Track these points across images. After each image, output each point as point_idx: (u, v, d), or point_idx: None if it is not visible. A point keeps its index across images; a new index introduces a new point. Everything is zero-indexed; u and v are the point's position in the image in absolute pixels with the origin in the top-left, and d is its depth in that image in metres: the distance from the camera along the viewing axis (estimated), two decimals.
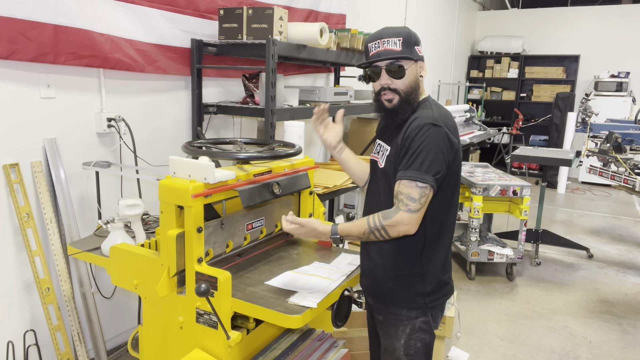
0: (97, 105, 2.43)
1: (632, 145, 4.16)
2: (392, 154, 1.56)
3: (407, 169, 1.46)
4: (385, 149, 1.60)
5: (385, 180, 1.57)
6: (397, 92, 1.52)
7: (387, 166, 1.57)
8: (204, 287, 1.38)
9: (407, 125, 1.51)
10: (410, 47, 1.49)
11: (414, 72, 1.53)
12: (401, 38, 1.49)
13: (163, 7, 2.62)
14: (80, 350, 2.31)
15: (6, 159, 2.09)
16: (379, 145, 1.67)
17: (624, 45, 8.18)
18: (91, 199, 2.45)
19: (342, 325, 1.67)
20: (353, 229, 1.51)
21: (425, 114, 1.51)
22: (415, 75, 1.54)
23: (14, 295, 2.19)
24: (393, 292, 1.59)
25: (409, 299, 1.58)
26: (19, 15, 1.98)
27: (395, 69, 1.50)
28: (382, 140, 1.66)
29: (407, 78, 1.51)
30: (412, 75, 1.52)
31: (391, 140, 1.59)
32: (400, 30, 1.51)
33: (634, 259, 4.70)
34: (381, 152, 1.63)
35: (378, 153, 1.66)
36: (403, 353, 1.59)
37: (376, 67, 1.53)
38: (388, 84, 1.52)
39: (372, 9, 5.08)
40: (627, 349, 3.06)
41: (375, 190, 1.64)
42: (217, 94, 3.15)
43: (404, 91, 1.52)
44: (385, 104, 1.55)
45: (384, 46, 1.50)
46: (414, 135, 1.46)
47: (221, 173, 1.59)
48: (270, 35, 2.65)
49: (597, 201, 7.06)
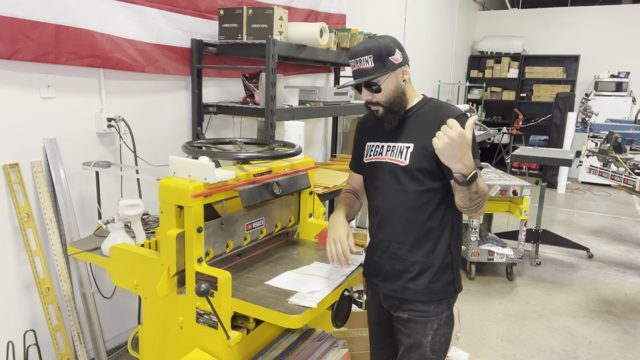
0: (97, 105, 2.44)
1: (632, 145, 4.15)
2: (419, 149, 1.55)
3: None
4: (403, 147, 1.58)
5: (411, 178, 1.57)
6: (379, 104, 1.58)
7: (414, 163, 1.56)
8: (204, 287, 1.38)
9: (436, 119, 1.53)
10: (382, 61, 1.51)
11: (393, 82, 1.56)
12: (371, 55, 1.51)
13: (163, 7, 2.62)
14: (80, 350, 2.31)
15: (6, 159, 2.09)
16: (389, 146, 1.63)
17: (624, 45, 8.18)
18: (91, 199, 2.46)
19: (342, 325, 1.67)
20: (480, 183, 1.43)
21: (448, 106, 1.59)
22: (396, 83, 1.56)
23: (14, 295, 2.19)
24: (427, 287, 1.61)
25: (442, 291, 1.62)
26: (20, 15, 1.98)
27: (372, 86, 1.54)
28: (388, 140, 1.64)
29: (385, 91, 1.55)
30: (390, 86, 1.55)
31: (408, 137, 1.59)
32: (370, 45, 1.52)
33: (634, 259, 4.70)
34: (395, 151, 1.60)
35: (388, 153, 1.62)
36: (429, 349, 1.62)
37: (357, 84, 1.58)
38: (369, 98, 1.58)
39: (372, 9, 5.08)
40: (627, 349, 3.06)
41: (398, 190, 1.60)
42: (217, 94, 3.15)
43: (386, 102, 1.57)
44: (375, 112, 1.62)
45: (357, 65, 1.54)
46: None
47: (221, 173, 1.59)
48: (270, 35, 2.65)
49: (597, 201, 7.06)
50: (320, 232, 2.02)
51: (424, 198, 1.57)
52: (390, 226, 1.63)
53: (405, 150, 1.58)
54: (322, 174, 3.31)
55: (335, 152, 4.43)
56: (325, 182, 3.07)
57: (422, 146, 1.55)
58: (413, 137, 1.58)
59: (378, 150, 1.67)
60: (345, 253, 1.59)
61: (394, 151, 1.61)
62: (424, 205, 1.57)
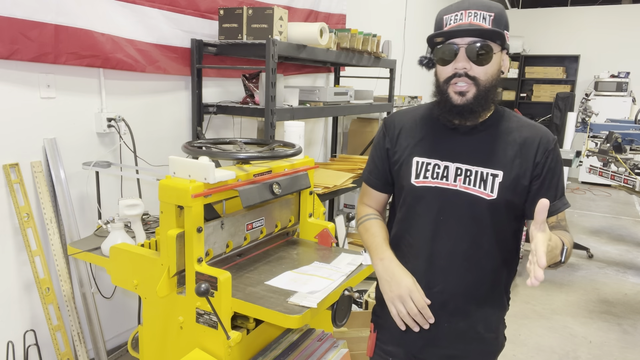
0: (97, 105, 2.44)
1: (632, 145, 4.16)
2: (511, 179, 1.21)
3: (560, 196, 1.25)
4: (488, 174, 1.22)
5: (497, 216, 1.23)
6: (476, 81, 1.16)
7: (504, 195, 1.21)
8: (204, 287, 1.38)
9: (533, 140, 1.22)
10: (500, 28, 1.15)
11: (498, 64, 1.19)
12: (493, 14, 1.14)
13: (164, 7, 2.62)
14: (80, 350, 2.31)
15: (6, 159, 2.09)
16: (461, 170, 1.24)
17: (624, 45, 8.18)
18: (91, 199, 2.45)
19: (342, 325, 1.67)
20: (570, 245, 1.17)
21: (535, 124, 1.27)
22: (499, 67, 1.21)
23: (14, 295, 2.19)
24: (497, 339, 1.37)
25: (503, 331, 1.40)
26: (19, 15, 1.98)
27: (480, 51, 1.14)
28: (459, 159, 1.25)
29: (491, 66, 1.16)
30: (496, 64, 1.18)
31: (492, 161, 1.22)
32: (492, 4, 1.17)
33: (634, 259, 4.70)
34: (474, 177, 1.23)
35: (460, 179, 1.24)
36: None
37: (452, 45, 1.16)
38: (466, 68, 1.15)
39: (372, 9, 5.08)
40: (627, 349, 3.06)
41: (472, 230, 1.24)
42: (217, 94, 3.15)
43: (485, 83, 1.17)
44: (454, 97, 1.18)
45: (468, 19, 1.14)
46: (556, 155, 1.23)
47: (221, 173, 1.59)
48: (270, 35, 2.65)
49: (597, 201, 7.06)
50: (321, 232, 2.02)
51: (502, 241, 1.26)
52: (455, 274, 1.27)
53: (492, 178, 1.21)
54: (322, 174, 3.31)
55: (335, 152, 4.43)
56: (325, 182, 3.07)
57: (515, 177, 1.21)
58: (500, 162, 1.21)
59: (440, 172, 1.26)
60: (424, 310, 1.20)
61: (470, 177, 1.23)
62: (498, 250, 1.26)
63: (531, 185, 1.22)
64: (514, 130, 1.25)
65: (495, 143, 1.23)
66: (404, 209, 1.34)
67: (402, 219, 1.35)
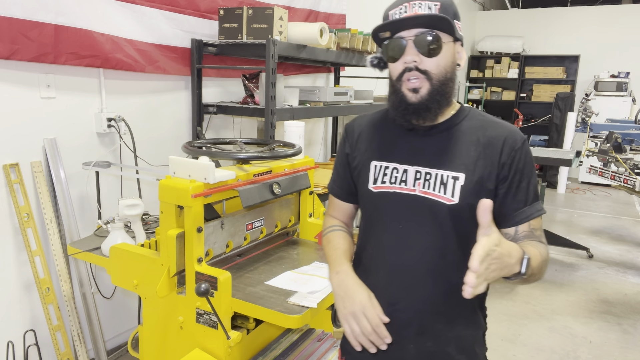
0: (97, 105, 2.44)
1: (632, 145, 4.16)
2: (474, 182, 1.09)
3: (533, 201, 1.12)
4: (448, 176, 1.10)
5: (456, 222, 1.11)
6: (428, 75, 1.07)
7: (466, 199, 1.09)
8: (204, 287, 1.38)
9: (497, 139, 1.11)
10: (449, 17, 1.06)
11: (451, 56, 1.09)
12: (439, 4, 1.06)
13: (163, 7, 2.62)
14: (80, 350, 2.31)
15: (6, 159, 2.09)
16: (420, 173, 1.13)
17: (624, 45, 8.17)
18: (91, 199, 2.45)
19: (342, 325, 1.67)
20: (533, 259, 1.01)
21: (502, 123, 1.15)
22: (453, 59, 1.10)
23: (14, 295, 2.19)
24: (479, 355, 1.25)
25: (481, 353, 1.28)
26: (19, 15, 1.98)
27: (429, 42, 1.05)
28: (418, 162, 1.14)
29: (442, 57, 1.07)
30: (449, 56, 1.08)
31: (454, 162, 1.11)
32: None
33: (634, 259, 4.70)
34: (433, 181, 1.12)
35: (419, 183, 1.13)
36: None
37: (399, 39, 1.08)
38: (415, 61, 1.06)
39: (372, 9, 5.08)
40: (627, 349, 3.06)
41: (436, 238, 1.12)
42: (217, 94, 3.15)
43: (438, 77, 1.07)
44: (408, 95, 1.08)
45: (413, 10, 1.07)
46: (525, 155, 1.11)
47: (221, 173, 1.59)
48: (270, 35, 2.65)
49: (597, 201, 7.06)
50: (321, 232, 2.02)
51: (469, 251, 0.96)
52: (419, 289, 1.14)
53: (453, 181, 1.10)
54: (322, 174, 3.31)
55: (335, 152, 4.43)
56: (325, 182, 3.07)
57: (478, 179, 1.09)
58: (462, 163, 1.10)
59: (398, 177, 1.15)
60: (378, 329, 1.07)
61: (430, 181, 1.12)
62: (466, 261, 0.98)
63: (497, 189, 1.11)
64: (478, 129, 1.13)
65: (456, 143, 1.12)
66: (365, 217, 1.25)
67: (363, 229, 1.25)
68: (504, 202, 1.11)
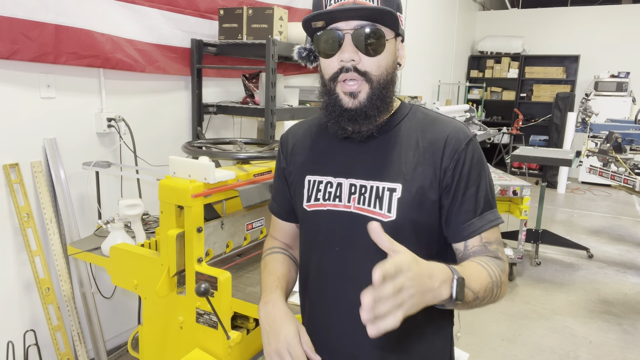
0: (97, 105, 2.44)
1: (632, 145, 4.16)
2: (413, 193, 0.94)
3: (484, 211, 0.96)
4: (384, 188, 0.95)
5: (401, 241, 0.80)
6: (368, 77, 0.92)
7: (406, 214, 0.94)
8: (204, 287, 1.38)
9: (438, 140, 0.96)
10: (391, 8, 0.91)
11: (392, 54, 0.95)
12: None
13: (163, 7, 2.62)
14: (80, 350, 2.31)
15: (6, 159, 2.09)
16: (355, 186, 0.98)
17: (624, 45, 8.18)
18: (91, 199, 2.45)
19: None
20: (473, 279, 0.85)
21: (445, 120, 1.00)
22: (394, 58, 0.96)
23: (14, 295, 2.19)
24: None
25: None
26: (20, 15, 1.98)
27: (370, 37, 0.90)
28: (351, 174, 0.99)
29: (384, 57, 0.92)
30: (390, 54, 0.94)
31: (390, 172, 0.96)
32: None
33: (634, 259, 4.70)
34: (368, 194, 0.96)
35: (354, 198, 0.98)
36: None
37: (335, 31, 0.91)
38: (354, 60, 0.91)
39: None
40: (627, 349, 3.06)
41: (366, 261, 0.91)
42: (217, 94, 3.15)
43: (379, 79, 0.93)
44: (344, 100, 0.94)
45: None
46: (471, 158, 0.95)
47: (221, 173, 1.59)
48: (270, 35, 2.65)
49: (597, 201, 7.06)
50: None
51: None
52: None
53: (389, 194, 0.95)
54: None
55: None
56: None
57: (418, 190, 0.94)
58: (400, 173, 0.95)
59: (332, 192, 1.00)
60: None
61: (365, 195, 0.97)
62: None
63: (442, 199, 0.95)
64: (418, 130, 0.98)
65: (393, 150, 0.97)
66: (302, 239, 1.10)
67: (304, 252, 1.10)
68: (450, 213, 0.96)
